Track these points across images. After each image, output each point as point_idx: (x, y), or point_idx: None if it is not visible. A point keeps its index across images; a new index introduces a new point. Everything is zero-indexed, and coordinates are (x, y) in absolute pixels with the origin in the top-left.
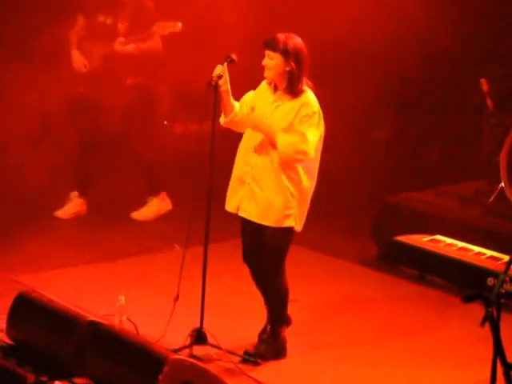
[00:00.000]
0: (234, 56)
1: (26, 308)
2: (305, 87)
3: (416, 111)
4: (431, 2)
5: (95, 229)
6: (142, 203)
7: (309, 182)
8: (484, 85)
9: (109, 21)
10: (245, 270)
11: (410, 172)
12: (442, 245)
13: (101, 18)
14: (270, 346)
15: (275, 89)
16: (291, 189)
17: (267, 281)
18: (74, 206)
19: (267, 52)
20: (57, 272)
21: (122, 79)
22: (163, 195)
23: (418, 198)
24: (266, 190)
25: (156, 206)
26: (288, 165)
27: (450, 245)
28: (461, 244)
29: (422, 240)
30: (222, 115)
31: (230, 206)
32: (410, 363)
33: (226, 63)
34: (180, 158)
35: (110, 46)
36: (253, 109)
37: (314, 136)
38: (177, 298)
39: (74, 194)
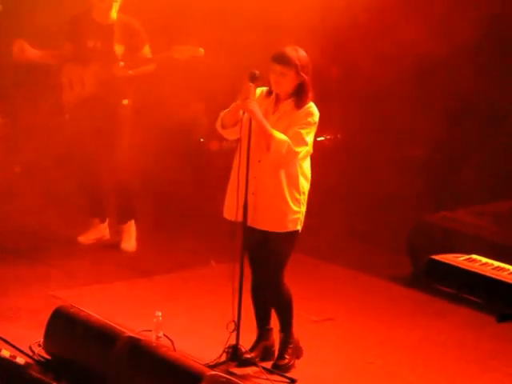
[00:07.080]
0: (257, 72)
1: (63, 323)
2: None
3: (452, 129)
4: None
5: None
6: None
7: (306, 184)
8: None
9: (99, 45)
10: None
11: (445, 191)
12: (477, 264)
13: (90, 43)
14: (289, 349)
15: (277, 99)
16: (295, 193)
17: (274, 285)
18: (96, 231)
19: (279, 67)
20: (94, 288)
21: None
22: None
23: (453, 217)
24: (271, 198)
25: (133, 232)
26: (278, 165)
27: (486, 264)
28: (496, 263)
29: (458, 259)
30: (223, 123)
31: (239, 217)
32: (445, 382)
33: (250, 81)
34: (215, 174)
35: (108, 71)
36: None
37: (309, 138)
38: (235, 327)
39: (96, 220)
